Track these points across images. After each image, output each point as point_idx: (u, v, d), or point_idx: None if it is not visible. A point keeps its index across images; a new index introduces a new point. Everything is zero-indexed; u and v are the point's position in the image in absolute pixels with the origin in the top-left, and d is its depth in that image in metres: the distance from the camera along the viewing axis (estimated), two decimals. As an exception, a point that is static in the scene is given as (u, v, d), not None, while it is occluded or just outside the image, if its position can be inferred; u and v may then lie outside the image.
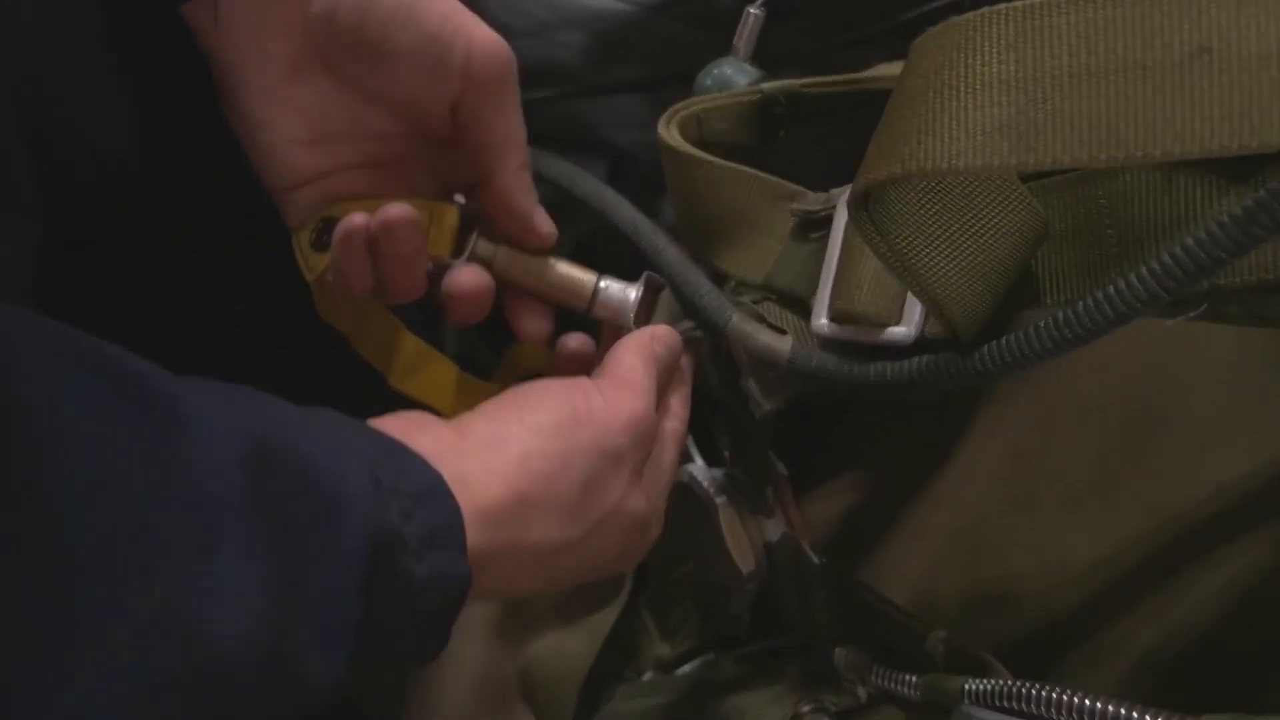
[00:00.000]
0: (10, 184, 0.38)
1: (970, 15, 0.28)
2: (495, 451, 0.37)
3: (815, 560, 0.49)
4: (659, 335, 0.44)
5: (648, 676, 0.61)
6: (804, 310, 0.42)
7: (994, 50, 0.28)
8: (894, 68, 0.46)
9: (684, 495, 0.56)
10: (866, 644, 0.46)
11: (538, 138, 0.71)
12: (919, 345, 0.37)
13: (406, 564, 0.32)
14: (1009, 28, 0.28)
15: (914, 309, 0.37)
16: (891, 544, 0.49)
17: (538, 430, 0.38)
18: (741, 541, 0.52)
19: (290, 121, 0.42)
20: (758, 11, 0.48)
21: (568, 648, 0.63)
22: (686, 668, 0.59)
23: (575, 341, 0.50)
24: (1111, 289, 0.30)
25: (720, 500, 0.51)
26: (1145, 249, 0.35)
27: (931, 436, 0.48)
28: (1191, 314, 0.36)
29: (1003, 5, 0.28)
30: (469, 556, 0.34)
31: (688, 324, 0.45)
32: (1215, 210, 0.34)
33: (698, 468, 0.53)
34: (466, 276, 0.46)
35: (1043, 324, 0.32)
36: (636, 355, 0.42)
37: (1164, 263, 0.29)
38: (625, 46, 0.60)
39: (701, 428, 0.57)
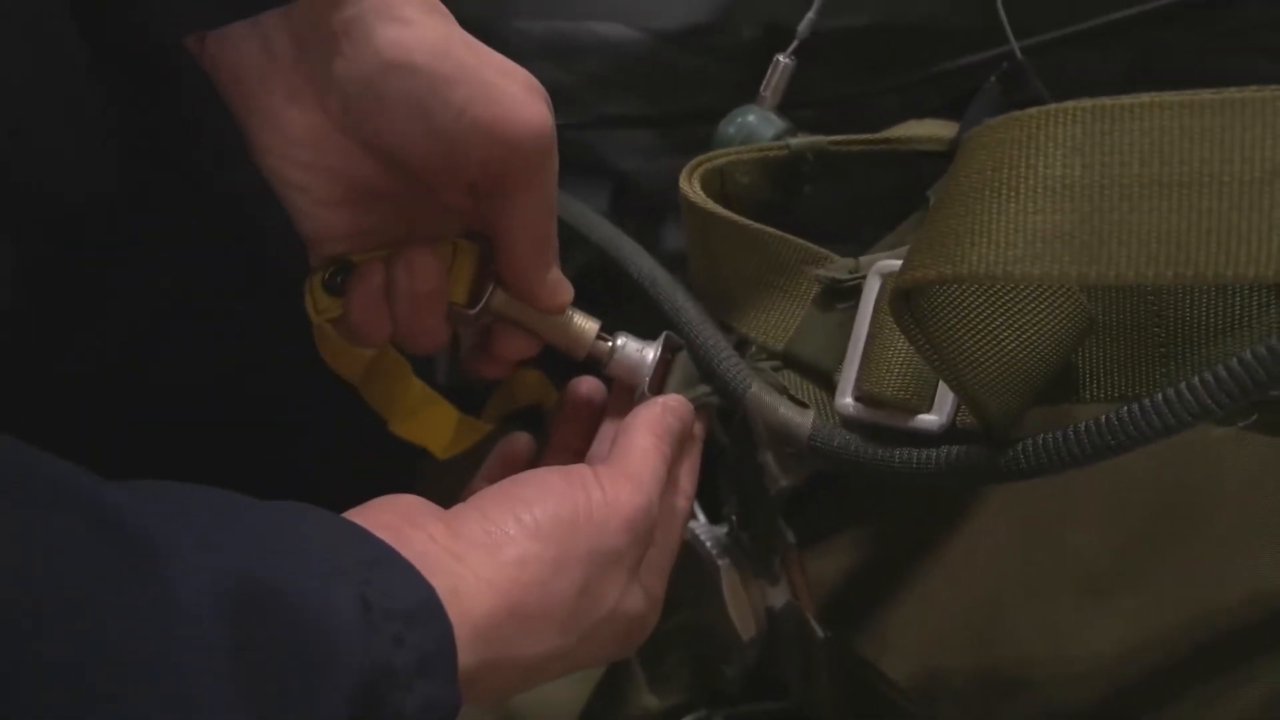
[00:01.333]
0: None
1: (1034, 112, 0.26)
2: (490, 556, 0.35)
3: (820, 634, 0.47)
4: (672, 408, 0.42)
5: (637, 728, 0.59)
6: (826, 383, 0.40)
7: (1059, 152, 0.26)
8: (923, 126, 0.45)
9: (686, 552, 0.54)
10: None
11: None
12: (949, 434, 0.36)
13: (396, 699, 0.30)
14: (1076, 129, 0.26)
15: (946, 397, 0.35)
16: (895, 613, 0.47)
17: (535, 532, 0.36)
18: (743, 606, 0.50)
19: (319, 185, 0.40)
20: (788, 60, 0.46)
21: (555, 696, 0.61)
22: (675, 725, 0.57)
23: (586, 386, 0.48)
24: (1160, 398, 0.29)
25: (723, 563, 0.49)
26: (1194, 351, 0.33)
27: (940, 502, 0.46)
28: (1242, 424, 0.34)
29: (1070, 104, 0.26)
30: (459, 676, 0.32)
31: (704, 389, 0.43)
32: (1269, 318, 0.32)
33: (701, 526, 0.51)
34: (512, 343, 0.45)
35: (1084, 426, 0.30)
36: (649, 436, 0.40)
37: (1219, 376, 0.28)
38: (636, 76, 0.58)
39: (706, 482, 0.56)
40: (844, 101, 0.52)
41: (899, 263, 0.38)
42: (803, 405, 0.40)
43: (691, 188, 0.42)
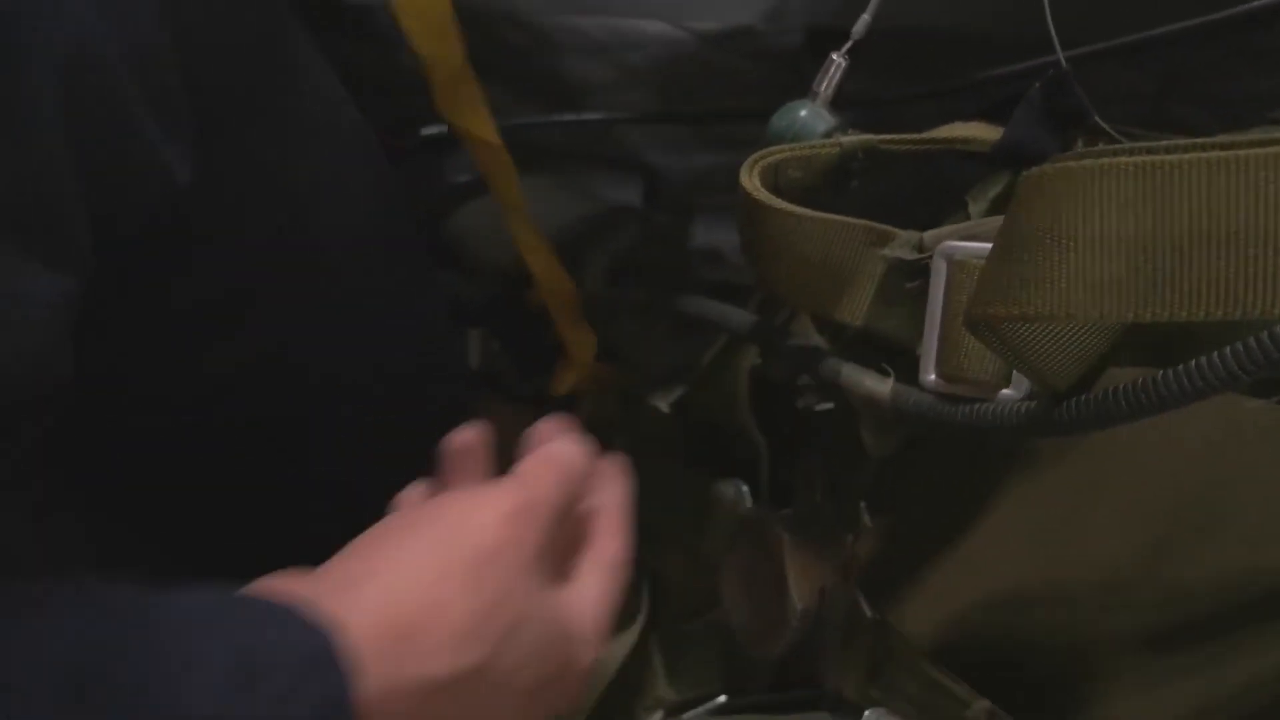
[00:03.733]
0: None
1: (1089, 164, 0.29)
2: (362, 585, 0.34)
3: (869, 614, 0.50)
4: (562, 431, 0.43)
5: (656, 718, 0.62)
6: (907, 357, 0.42)
7: (1113, 206, 0.28)
8: (966, 129, 0.46)
9: (743, 533, 0.57)
10: (899, 704, 0.47)
11: (573, 155, 0.71)
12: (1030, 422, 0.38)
13: None
14: (1129, 185, 0.28)
15: (1022, 384, 0.38)
16: (917, 597, 0.50)
17: (403, 549, 0.35)
18: (801, 580, 0.53)
19: None
20: (842, 60, 0.48)
21: None
22: (696, 711, 0.60)
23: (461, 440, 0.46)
24: (1196, 365, 0.31)
25: (788, 537, 0.52)
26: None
27: (966, 494, 0.49)
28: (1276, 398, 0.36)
29: (1122, 159, 0.28)
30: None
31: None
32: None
33: (765, 506, 0.55)
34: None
35: (1124, 387, 0.32)
36: (537, 450, 0.41)
37: (1249, 345, 0.29)
38: (676, 74, 0.60)
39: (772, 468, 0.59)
40: (882, 105, 0.54)
41: (963, 244, 0.41)
42: (886, 374, 0.43)
43: (754, 185, 0.44)
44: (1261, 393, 0.39)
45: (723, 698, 0.61)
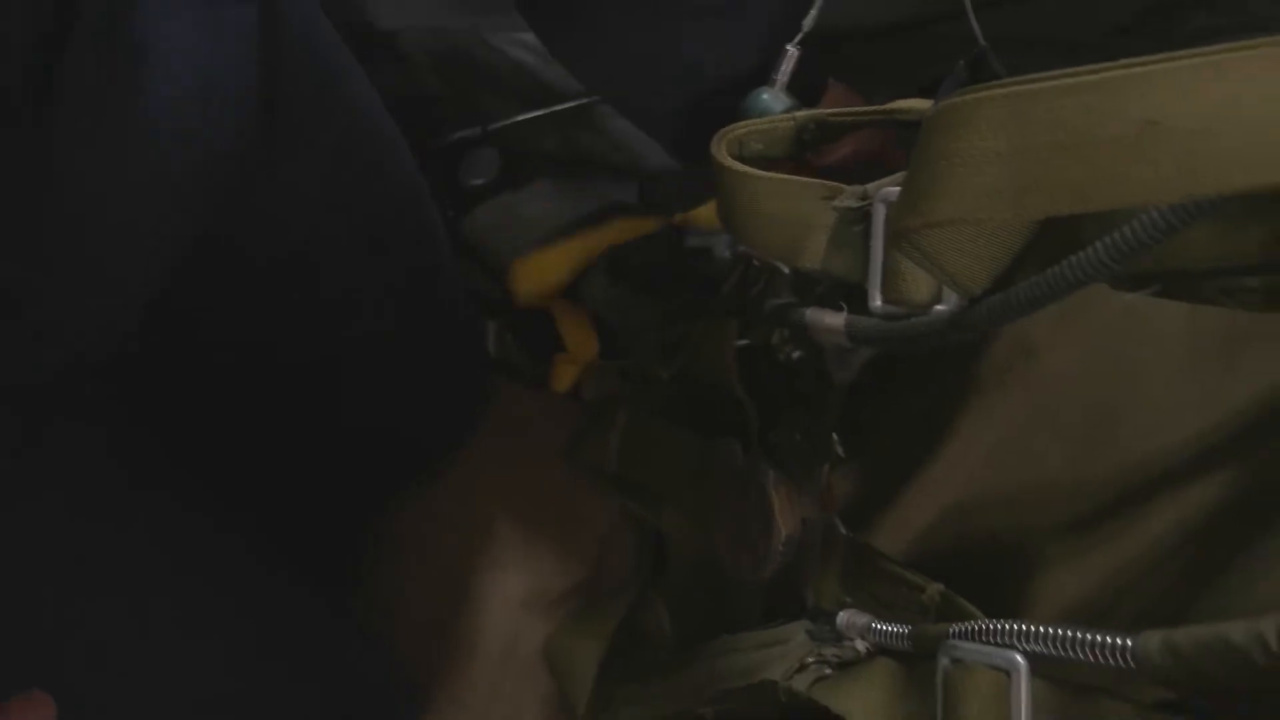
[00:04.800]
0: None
1: (970, 97, 0.36)
2: None
3: (843, 531, 0.57)
4: None
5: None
6: (860, 295, 0.49)
7: (988, 127, 0.35)
8: (908, 103, 0.54)
9: (735, 480, 0.64)
10: (868, 604, 0.53)
11: (574, 161, 0.79)
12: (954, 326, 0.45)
13: None
14: (999, 109, 0.35)
15: (951, 295, 0.45)
16: (887, 518, 0.57)
17: None
18: (786, 511, 0.60)
19: None
20: (794, 49, 0.56)
21: (585, 632, 0.71)
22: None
23: None
24: (1072, 259, 0.37)
25: (773, 473, 0.60)
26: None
27: (928, 424, 0.57)
28: (1149, 290, 0.44)
29: (995, 90, 0.35)
30: None
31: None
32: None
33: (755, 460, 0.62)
34: None
35: (1021, 285, 0.39)
36: None
37: (1114, 238, 0.37)
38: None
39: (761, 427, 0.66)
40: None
41: (895, 188, 0.47)
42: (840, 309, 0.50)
43: (721, 153, 0.52)
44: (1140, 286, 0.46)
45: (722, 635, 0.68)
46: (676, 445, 0.72)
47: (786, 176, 0.50)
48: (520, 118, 0.80)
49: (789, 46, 0.56)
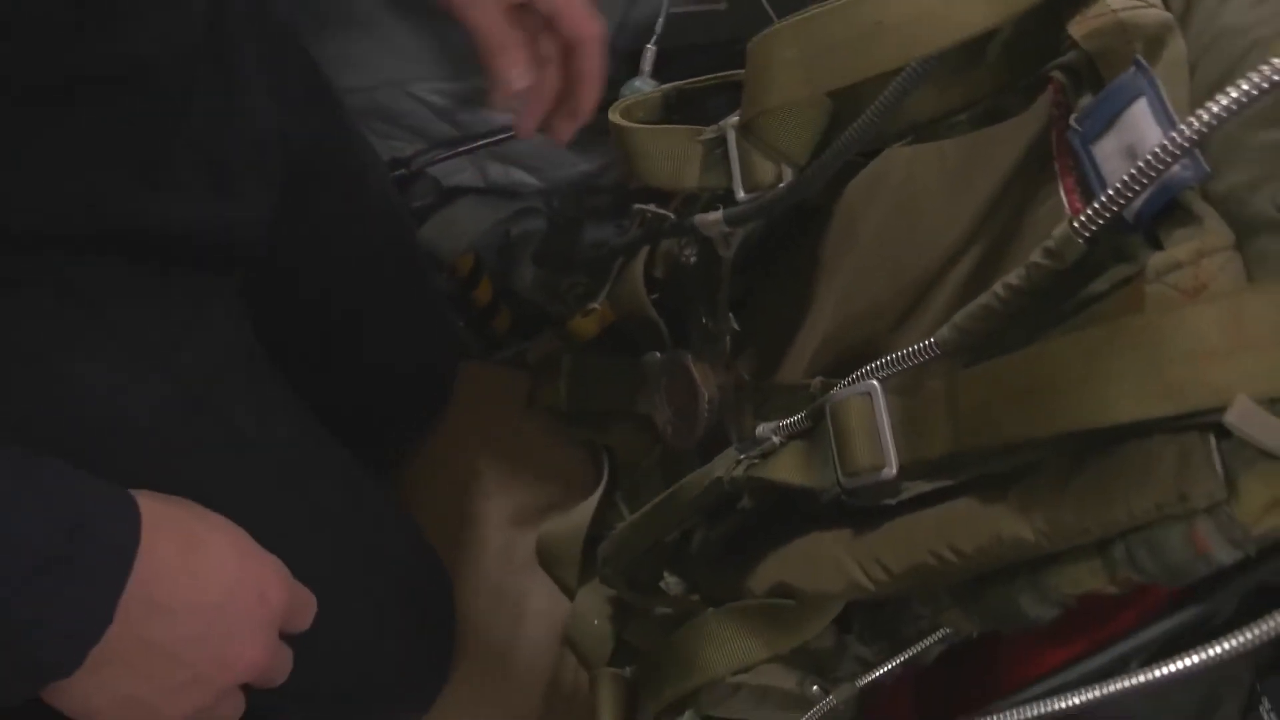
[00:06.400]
0: None
1: (772, 29, 0.59)
2: None
3: (747, 378, 0.79)
4: None
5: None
6: (728, 196, 0.71)
7: (785, 44, 0.58)
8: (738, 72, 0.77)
9: (666, 371, 0.85)
10: (776, 417, 0.69)
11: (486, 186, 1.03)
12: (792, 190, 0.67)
13: None
14: (790, 32, 0.58)
15: (789, 173, 0.67)
16: (786, 358, 0.79)
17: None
18: (705, 381, 0.81)
19: None
20: (652, 48, 0.79)
21: (566, 527, 0.91)
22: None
23: None
24: (852, 125, 0.60)
25: (689, 356, 0.81)
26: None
27: (799, 292, 0.79)
28: (904, 142, 0.67)
29: (786, 22, 0.58)
30: None
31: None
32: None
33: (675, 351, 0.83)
34: None
35: (828, 152, 0.62)
36: None
37: (873, 107, 0.60)
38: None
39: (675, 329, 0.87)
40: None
41: (737, 118, 0.69)
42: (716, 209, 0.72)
43: (616, 117, 0.74)
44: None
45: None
46: (611, 370, 0.93)
47: (666, 125, 0.73)
48: (441, 156, 1.01)
49: (649, 46, 0.80)
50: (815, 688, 0.66)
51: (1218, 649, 0.44)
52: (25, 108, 0.51)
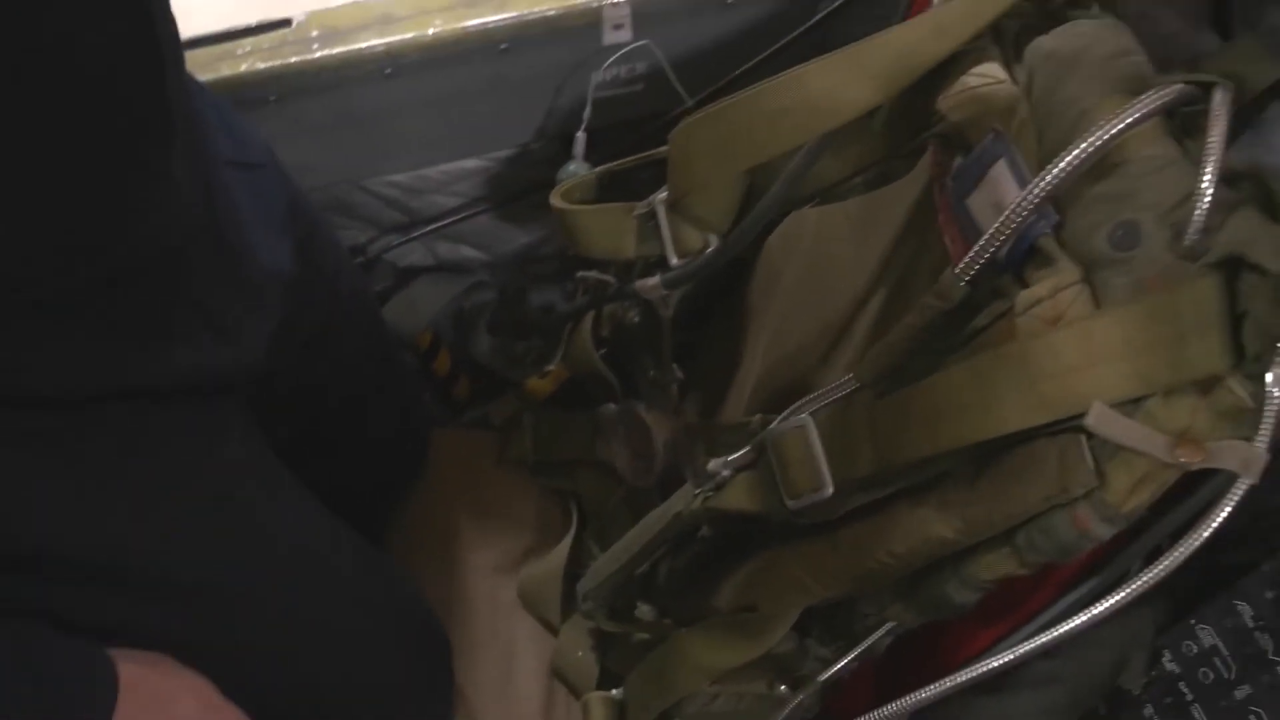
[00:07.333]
0: None
1: (689, 120, 0.68)
2: None
3: (695, 420, 0.88)
4: None
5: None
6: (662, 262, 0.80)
7: (701, 132, 0.68)
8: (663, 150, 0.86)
9: (622, 421, 0.93)
10: (724, 451, 0.75)
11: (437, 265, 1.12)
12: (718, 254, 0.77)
13: None
14: (705, 122, 0.68)
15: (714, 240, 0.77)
16: (725, 403, 0.88)
17: None
18: (659, 427, 0.90)
19: None
20: (582, 134, 0.89)
21: (544, 570, 0.99)
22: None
23: None
24: (766, 195, 0.70)
25: (641, 406, 0.90)
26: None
27: (733, 342, 0.88)
28: (812, 205, 0.77)
29: (701, 113, 0.68)
30: None
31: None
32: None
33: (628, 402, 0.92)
34: None
35: (746, 220, 0.72)
36: None
37: (782, 179, 0.70)
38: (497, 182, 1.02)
39: (625, 382, 0.96)
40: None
41: (665, 194, 0.78)
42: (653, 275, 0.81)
43: (558, 200, 0.83)
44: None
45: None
46: (570, 423, 1.02)
47: (603, 205, 0.82)
48: (396, 242, 1.10)
49: (579, 133, 0.89)
50: (783, 688, 0.75)
51: (1102, 605, 0.55)
52: (33, 317, 0.53)
